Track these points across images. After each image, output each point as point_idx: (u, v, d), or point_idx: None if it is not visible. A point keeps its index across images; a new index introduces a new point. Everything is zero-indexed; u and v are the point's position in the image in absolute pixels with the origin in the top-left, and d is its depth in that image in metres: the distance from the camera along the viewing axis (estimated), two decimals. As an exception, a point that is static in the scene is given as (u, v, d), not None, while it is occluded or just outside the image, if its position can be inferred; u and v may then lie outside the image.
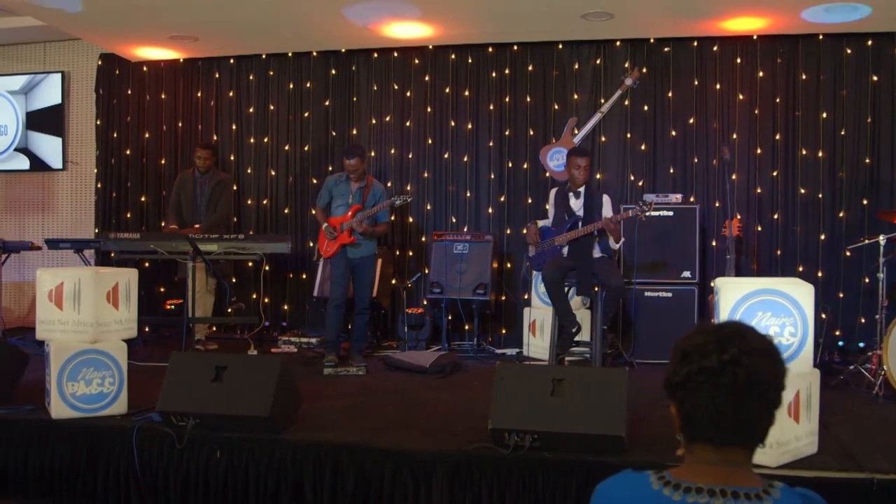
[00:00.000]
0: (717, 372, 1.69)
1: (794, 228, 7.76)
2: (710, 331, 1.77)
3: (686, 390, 1.73)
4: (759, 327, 3.92)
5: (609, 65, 8.07)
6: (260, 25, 7.62)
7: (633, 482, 1.77)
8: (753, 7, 6.89)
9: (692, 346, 1.74)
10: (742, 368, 1.68)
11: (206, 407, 4.43)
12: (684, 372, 1.72)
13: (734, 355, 1.69)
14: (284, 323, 8.52)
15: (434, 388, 6.02)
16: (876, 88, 7.60)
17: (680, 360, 1.75)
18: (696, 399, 1.71)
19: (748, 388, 1.68)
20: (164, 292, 8.65)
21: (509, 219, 8.29)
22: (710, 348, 1.71)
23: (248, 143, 8.76)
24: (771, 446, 3.91)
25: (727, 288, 4.11)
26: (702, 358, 1.71)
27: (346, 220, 6.76)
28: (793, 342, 4.00)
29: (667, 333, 6.95)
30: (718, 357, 1.69)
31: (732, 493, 1.66)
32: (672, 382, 1.77)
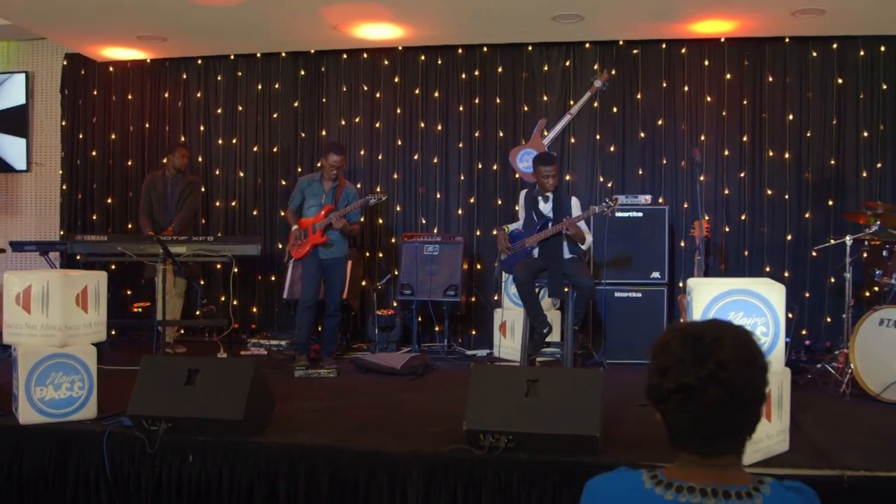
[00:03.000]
0: (697, 389, 1.67)
1: (761, 229, 7.85)
2: (687, 340, 1.73)
3: (667, 405, 1.72)
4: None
5: (578, 67, 8.12)
6: (229, 26, 7.56)
7: (626, 480, 1.77)
8: (721, 10, 6.95)
9: (670, 360, 1.71)
10: (722, 384, 1.66)
11: (179, 410, 4.38)
12: (664, 388, 1.71)
13: (712, 371, 1.66)
14: (253, 325, 8.46)
15: (406, 390, 6.00)
16: (841, 91, 7.72)
17: (658, 375, 1.73)
18: (679, 415, 1.71)
19: (730, 400, 1.67)
20: (130, 295, 8.56)
21: (479, 220, 8.30)
22: (688, 364, 1.68)
23: (217, 144, 8.69)
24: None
25: (700, 288, 4.14)
26: (680, 374, 1.68)
27: (318, 221, 6.72)
28: (765, 341, 4.03)
29: (637, 333, 7.09)
30: (696, 374, 1.67)
31: (724, 492, 1.67)
32: (653, 396, 1.76)
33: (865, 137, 7.68)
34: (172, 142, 8.45)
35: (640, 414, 5.16)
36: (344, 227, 6.71)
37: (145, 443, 4.35)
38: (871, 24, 7.29)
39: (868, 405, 5.41)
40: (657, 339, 1.80)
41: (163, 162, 8.16)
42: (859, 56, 7.67)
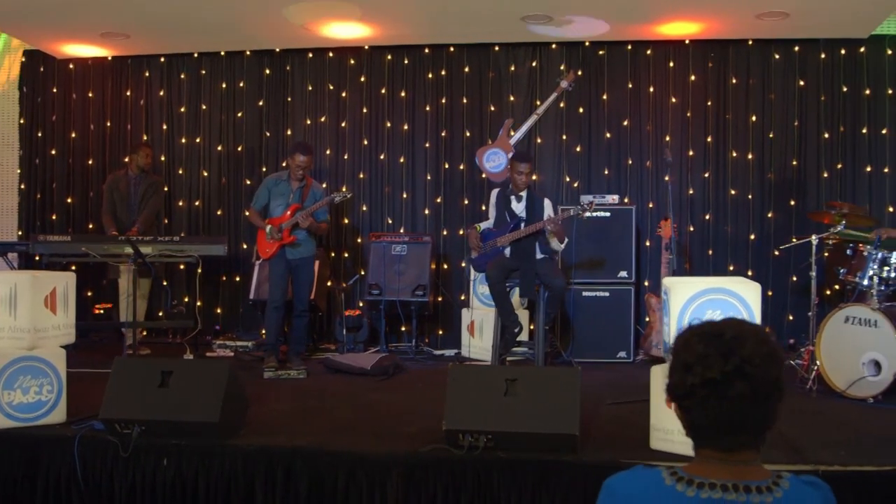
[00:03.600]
0: (721, 384, 1.70)
1: (725, 228, 7.96)
2: (708, 337, 1.76)
3: (691, 401, 1.75)
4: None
5: (545, 67, 8.16)
6: (193, 24, 7.47)
7: (645, 477, 1.78)
8: (687, 12, 7.03)
9: (694, 356, 1.74)
10: (746, 378, 1.70)
11: (152, 413, 4.30)
12: (688, 384, 1.73)
13: (737, 365, 1.70)
14: (218, 326, 8.35)
15: (378, 390, 5.98)
16: (802, 93, 7.86)
17: (682, 372, 1.76)
18: (703, 410, 1.73)
19: (754, 395, 1.71)
20: (91, 296, 8.40)
21: (446, 220, 8.31)
22: (712, 360, 1.71)
23: (180, 143, 8.58)
24: (721, 442, 3.98)
25: (677, 288, 4.18)
26: (705, 370, 1.71)
27: (284, 220, 6.67)
28: (741, 339, 4.07)
29: (605, 332, 7.16)
30: (721, 369, 1.70)
31: (745, 487, 1.69)
32: (677, 392, 1.78)
33: (826, 139, 7.83)
34: (134, 141, 8.35)
35: (613, 411, 5.21)
36: (311, 225, 6.66)
37: (118, 447, 4.27)
38: (832, 27, 7.44)
39: (835, 401, 5.50)
40: (676, 339, 1.83)
41: (124, 161, 8.05)
42: (820, 59, 7.82)
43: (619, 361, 7.23)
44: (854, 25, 7.37)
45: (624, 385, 6.02)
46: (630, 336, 7.30)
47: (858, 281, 5.91)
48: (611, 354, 7.26)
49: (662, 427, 4.21)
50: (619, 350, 7.28)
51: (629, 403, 5.37)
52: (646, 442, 4.30)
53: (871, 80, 7.77)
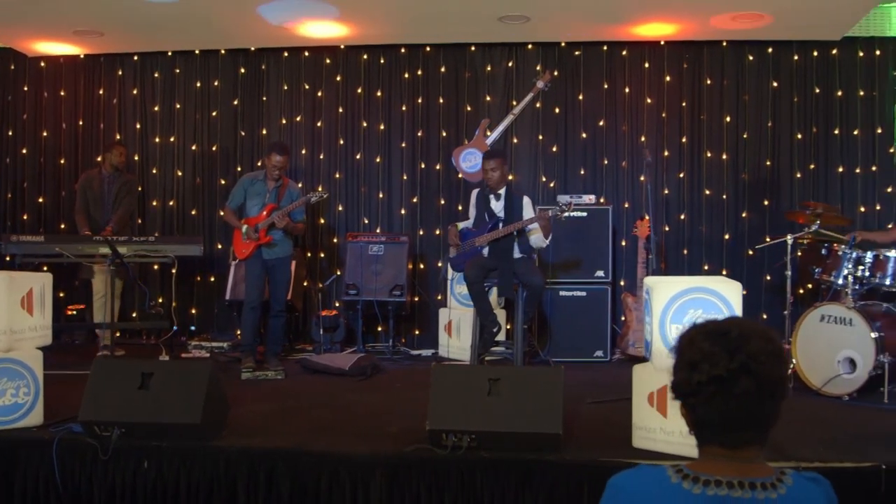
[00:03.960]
0: (727, 381, 1.72)
1: (700, 228, 8.02)
2: (714, 335, 1.78)
3: (697, 398, 1.76)
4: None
5: (521, 67, 8.17)
6: (168, 21, 7.39)
7: (650, 475, 1.78)
8: (664, 13, 7.08)
9: (700, 354, 1.75)
10: (752, 375, 1.71)
11: (133, 415, 4.26)
12: (694, 381, 1.75)
13: (743, 362, 1.71)
14: (193, 327, 8.28)
15: (357, 391, 5.96)
16: (776, 94, 7.94)
17: (688, 369, 1.77)
18: (709, 407, 1.74)
19: (759, 392, 1.72)
20: (63, 297, 8.29)
21: (422, 220, 8.30)
22: (719, 357, 1.73)
23: (154, 142, 8.50)
24: (703, 440, 4.01)
25: (659, 287, 4.20)
26: (711, 367, 1.73)
27: (260, 220, 6.63)
28: (723, 338, 4.11)
29: (582, 332, 7.19)
30: (727, 366, 1.72)
31: (750, 483, 1.71)
32: (682, 390, 1.79)
33: (799, 139, 7.92)
34: (107, 140, 8.25)
35: (593, 410, 5.23)
36: (287, 225, 6.63)
37: (97, 449, 4.22)
38: (805, 30, 7.52)
39: (810, 399, 5.57)
40: (680, 337, 1.84)
41: (97, 160, 7.96)
42: (793, 61, 7.90)
43: (595, 361, 7.26)
44: (827, 28, 7.46)
45: (602, 384, 6.05)
46: (607, 335, 7.34)
47: (833, 280, 5.98)
48: (588, 354, 7.29)
49: (644, 426, 4.23)
50: (595, 349, 7.31)
51: (609, 402, 5.40)
52: (628, 440, 4.32)
53: (843, 82, 7.87)
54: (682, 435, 4.07)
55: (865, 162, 7.83)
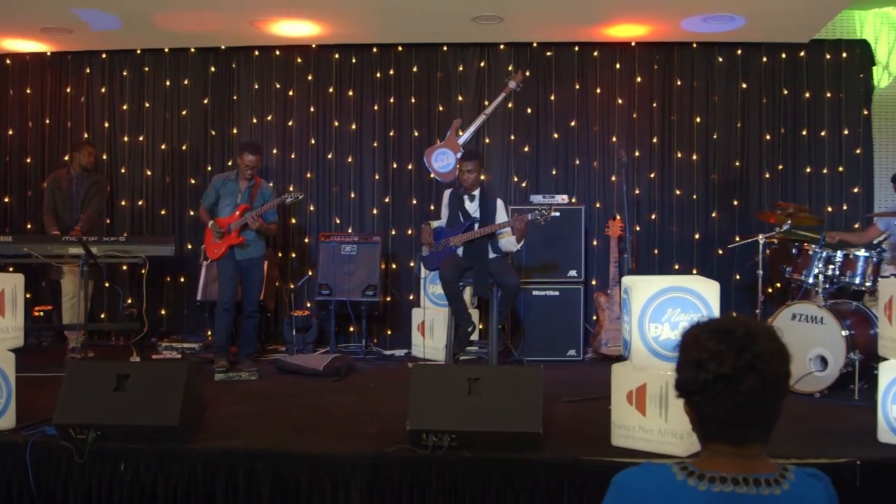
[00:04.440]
0: (733, 379, 1.74)
1: (671, 228, 8.09)
2: (719, 334, 1.79)
3: (703, 396, 1.78)
4: (671, 322, 4.08)
5: (493, 67, 8.19)
6: (137, 19, 7.30)
7: (655, 473, 1.80)
8: (637, 14, 7.13)
9: (706, 353, 1.77)
10: (758, 373, 1.73)
11: (108, 418, 4.21)
12: (700, 379, 1.76)
13: (749, 361, 1.74)
14: (163, 328, 8.19)
15: (332, 391, 5.94)
16: (745, 95, 8.03)
17: (694, 368, 1.78)
18: (715, 405, 1.76)
19: (764, 390, 1.74)
20: (30, 298, 8.15)
21: (394, 220, 8.28)
22: (725, 356, 1.75)
23: (122, 141, 8.39)
24: (681, 437, 4.06)
25: (638, 287, 4.23)
26: (718, 365, 1.75)
27: (233, 221, 6.58)
28: (701, 337, 4.14)
29: (555, 331, 7.21)
30: (734, 364, 1.74)
31: (754, 480, 1.73)
32: (688, 388, 1.80)
33: (768, 140, 8.01)
34: (75, 138, 8.15)
35: (570, 409, 5.26)
36: (260, 226, 6.60)
37: (73, 452, 4.17)
38: (774, 32, 7.61)
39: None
40: (684, 336, 1.85)
41: (65, 159, 7.85)
42: (762, 62, 8.00)
43: (568, 360, 7.30)
44: (796, 31, 7.56)
45: (576, 383, 6.08)
46: (580, 334, 7.38)
47: (804, 279, 6.06)
48: (561, 353, 7.32)
49: (623, 424, 4.26)
50: (568, 348, 7.34)
51: (585, 401, 5.44)
52: (607, 439, 4.35)
53: (810, 84, 7.98)
54: (660, 433, 4.12)
55: (833, 162, 7.95)
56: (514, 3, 6.91)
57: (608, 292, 7.36)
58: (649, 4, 6.83)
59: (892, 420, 4.31)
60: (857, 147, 7.92)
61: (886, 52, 7.99)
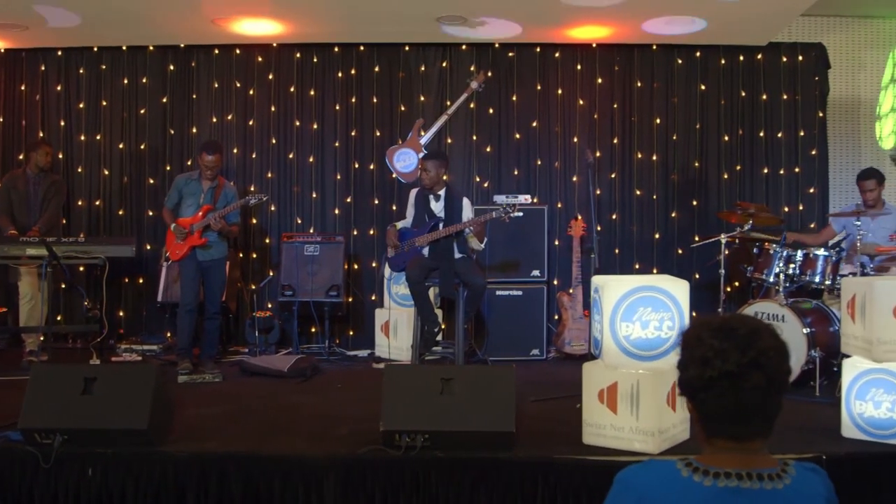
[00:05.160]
0: (738, 376, 1.77)
1: (631, 228, 8.17)
2: (723, 332, 1.83)
3: (709, 393, 1.80)
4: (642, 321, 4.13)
5: (455, 67, 8.19)
6: (95, 16, 7.18)
7: (660, 470, 1.82)
8: (600, 16, 7.18)
9: (711, 351, 1.80)
10: (762, 370, 1.77)
11: (76, 422, 4.13)
12: (706, 377, 1.79)
13: (753, 358, 1.77)
14: (121, 330, 8.06)
15: (298, 393, 5.90)
16: (704, 96, 8.16)
17: (700, 365, 1.81)
18: (721, 401, 1.79)
19: (768, 386, 1.78)
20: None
21: (356, 220, 8.24)
22: (730, 353, 1.78)
23: (79, 140, 8.23)
24: (653, 434, 4.10)
25: (609, 286, 4.27)
26: (724, 363, 1.78)
27: (196, 221, 6.51)
28: (671, 335, 4.21)
29: (518, 330, 7.25)
30: (739, 361, 1.77)
31: (757, 475, 1.77)
32: (693, 386, 1.83)
33: (726, 141, 8.14)
34: (30, 137, 7.99)
35: (538, 408, 5.28)
36: (223, 228, 6.54)
37: (38, 458, 4.08)
38: (733, 35, 7.74)
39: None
40: (686, 335, 1.88)
41: (20, 159, 7.69)
42: (720, 64, 8.12)
43: (532, 359, 7.33)
44: (754, 34, 7.70)
45: (541, 382, 6.12)
46: (543, 334, 7.42)
47: (765, 278, 6.17)
48: (524, 352, 7.35)
49: (595, 422, 4.30)
50: (532, 348, 7.38)
51: (552, 400, 5.48)
52: (577, 437, 4.39)
53: (767, 86, 8.13)
54: (632, 431, 4.17)
55: (789, 163, 8.10)
56: (477, 4, 6.92)
57: (570, 292, 7.42)
58: (614, 7, 6.87)
59: (855, 416, 4.40)
60: (812, 148, 8.08)
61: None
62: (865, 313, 4.40)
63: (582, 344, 7.28)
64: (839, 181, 8.26)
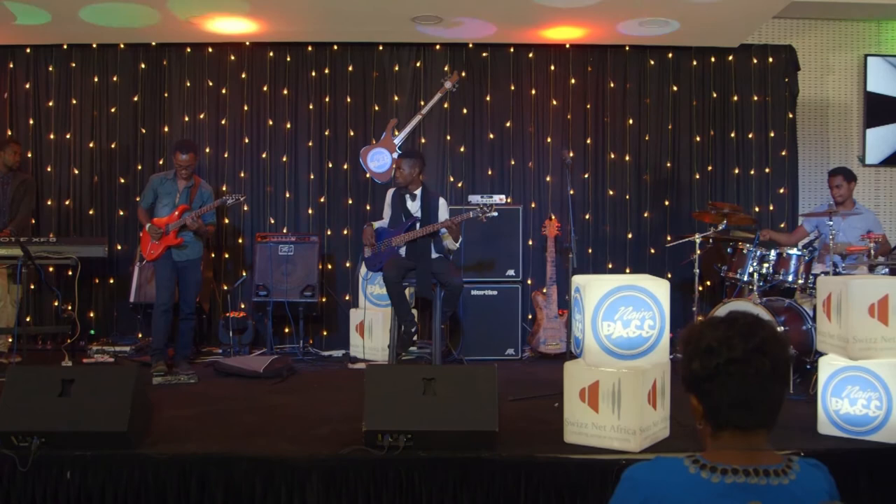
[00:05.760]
0: (744, 361, 1.81)
1: (604, 228, 8.22)
2: (725, 324, 1.87)
3: (714, 382, 1.83)
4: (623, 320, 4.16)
5: (429, 67, 8.19)
6: (64, 13, 7.09)
7: (668, 467, 1.84)
8: (576, 17, 7.22)
9: (715, 340, 1.84)
10: (767, 355, 1.82)
11: (53, 424, 4.08)
12: (713, 365, 1.83)
13: (758, 344, 1.82)
14: (92, 331, 7.97)
15: (275, 393, 5.87)
16: (675, 98, 8.23)
17: (706, 355, 1.84)
18: (727, 388, 1.82)
19: (773, 372, 1.82)
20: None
21: (330, 220, 8.21)
22: (735, 341, 1.82)
23: (48, 139, 8.12)
24: (634, 433, 4.14)
25: (591, 286, 4.29)
26: (730, 350, 1.82)
27: (171, 221, 6.46)
28: (652, 334, 4.24)
29: (493, 330, 7.27)
30: (744, 347, 1.81)
31: (763, 471, 1.80)
32: (698, 377, 1.86)
33: (698, 142, 8.22)
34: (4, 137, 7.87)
35: (517, 407, 5.29)
36: (199, 228, 6.49)
37: (15, 461, 4.03)
38: (706, 37, 7.83)
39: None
40: (688, 332, 1.91)
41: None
42: (692, 66, 8.20)
43: (507, 358, 7.35)
44: (726, 36, 7.79)
45: (517, 381, 6.14)
46: (518, 333, 7.44)
47: (739, 277, 6.24)
48: (499, 352, 7.37)
49: (576, 421, 4.32)
50: (507, 347, 7.40)
51: (530, 399, 5.50)
52: (559, 436, 4.41)
53: (738, 87, 8.22)
54: (613, 429, 4.20)
55: (759, 164, 8.20)
56: (452, 4, 6.93)
57: (545, 291, 7.45)
58: (589, 8, 6.90)
59: (831, 413, 4.46)
60: (782, 149, 8.19)
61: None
62: (841, 312, 4.47)
63: (557, 343, 7.31)
64: (808, 182, 8.38)
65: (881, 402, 4.33)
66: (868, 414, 4.36)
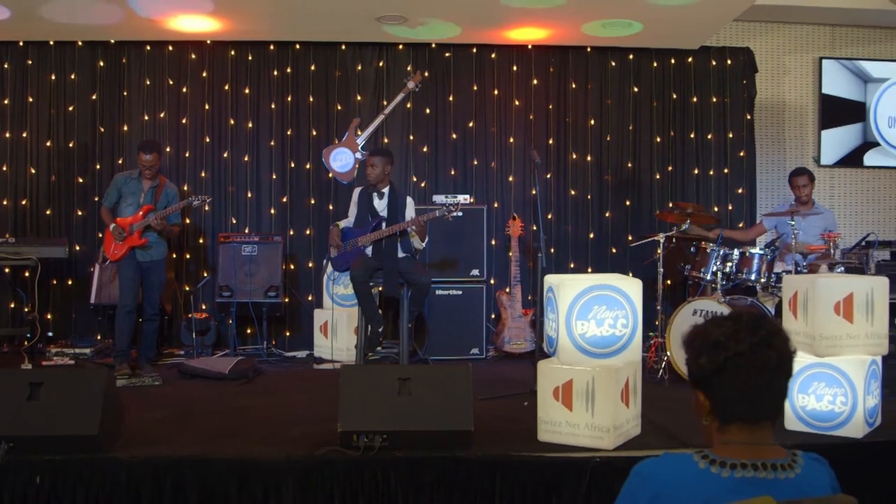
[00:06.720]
0: (749, 354, 1.86)
1: (566, 227, 8.29)
2: (730, 320, 1.92)
3: (722, 376, 1.88)
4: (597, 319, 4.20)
5: (391, 67, 8.19)
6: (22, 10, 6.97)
7: (677, 463, 1.88)
8: (540, 19, 7.27)
9: (722, 335, 1.89)
10: (773, 348, 1.87)
11: (22, 429, 4.00)
12: (721, 359, 1.87)
13: (764, 337, 1.87)
14: (50, 333, 7.82)
15: (243, 395, 5.84)
16: (637, 98, 8.33)
17: (713, 349, 1.89)
18: (734, 382, 1.87)
19: (779, 365, 1.87)
20: None
21: (292, 220, 8.17)
22: (742, 335, 1.87)
23: (4, 137, 7.95)
24: (608, 430, 4.18)
25: (565, 285, 4.33)
26: (737, 343, 1.87)
27: (136, 221, 6.38)
28: (625, 333, 4.30)
29: (458, 330, 7.30)
30: (751, 341, 1.86)
31: (771, 465, 1.85)
32: (706, 372, 1.89)
33: (658, 142, 8.33)
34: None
35: (487, 407, 5.29)
36: (164, 228, 6.42)
37: (-18, 466, 3.96)
38: (667, 39, 7.95)
39: (686, 389, 5.78)
40: (691, 333, 1.94)
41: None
42: (652, 67, 8.31)
43: (472, 358, 7.38)
44: (687, 38, 7.90)
45: (484, 381, 6.13)
46: (482, 333, 7.47)
47: (702, 276, 6.34)
48: (464, 351, 7.41)
49: (550, 419, 4.36)
50: (472, 347, 7.44)
51: (500, 398, 5.53)
52: (532, 434, 4.45)
53: (697, 89, 8.35)
54: (587, 427, 4.24)
55: (718, 164, 8.34)
56: (417, 4, 6.93)
57: (508, 291, 7.49)
58: (556, 9, 6.95)
59: (798, 409, 4.56)
60: (741, 150, 8.33)
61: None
62: (808, 310, 4.56)
63: (521, 342, 7.36)
64: (766, 182, 8.54)
65: (846, 398, 4.43)
66: (834, 409, 4.46)
